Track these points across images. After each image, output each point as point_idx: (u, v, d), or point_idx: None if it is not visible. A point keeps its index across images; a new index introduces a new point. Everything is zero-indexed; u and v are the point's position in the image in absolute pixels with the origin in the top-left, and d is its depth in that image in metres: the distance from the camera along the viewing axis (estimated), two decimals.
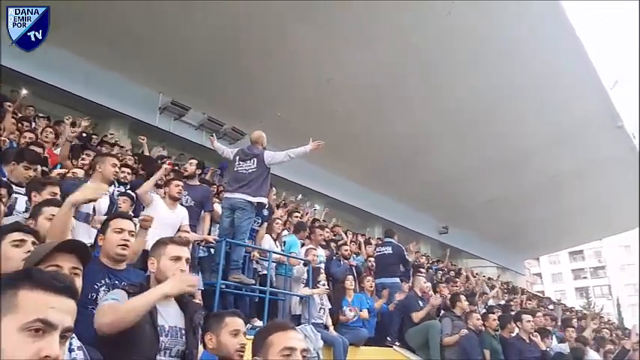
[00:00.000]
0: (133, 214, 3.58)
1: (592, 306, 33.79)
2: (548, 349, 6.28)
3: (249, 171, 5.07)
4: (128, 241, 2.43)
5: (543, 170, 15.79)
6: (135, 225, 2.63)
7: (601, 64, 12.64)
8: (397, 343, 6.22)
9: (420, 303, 6.35)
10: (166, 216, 4.10)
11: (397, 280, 7.10)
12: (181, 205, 4.56)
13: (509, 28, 10.65)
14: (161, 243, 2.26)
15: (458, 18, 9.95)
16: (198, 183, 5.43)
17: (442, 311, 6.72)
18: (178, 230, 4.11)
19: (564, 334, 7.30)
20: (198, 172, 5.30)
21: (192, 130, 12.13)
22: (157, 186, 5.00)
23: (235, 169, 5.25)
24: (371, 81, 11.52)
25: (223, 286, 4.62)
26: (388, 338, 6.30)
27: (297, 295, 5.46)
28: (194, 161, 5.41)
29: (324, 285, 5.80)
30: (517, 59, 11.48)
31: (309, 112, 12.11)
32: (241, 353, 2.19)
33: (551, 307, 14.49)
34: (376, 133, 13.28)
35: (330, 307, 5.68)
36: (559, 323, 9.24)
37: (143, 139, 8.02)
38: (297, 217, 7.44)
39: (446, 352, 5.89)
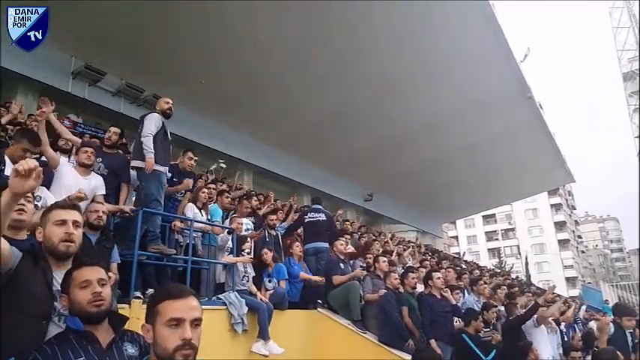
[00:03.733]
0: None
1: (503, 265, 36.77)
2: (458, 303, 6.89)
3: (139, 134, 4.75)
4: (25, 206, 2.27)
5: (460, 139, 16.75)
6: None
7: (513, 39, 13.47)
8: (321, 304, 6.47)
9: (342, 266, 6.63)
10: (76, 183, 3.83)
11: (327, 245, 7.32)
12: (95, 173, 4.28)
13: (425, 5, 10.92)
14: (46, 210, 2.16)
15: None
16: (115, 151, 5.08)
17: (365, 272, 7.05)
18: (92, 200, 3.87)
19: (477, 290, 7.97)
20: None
21: (110, 96, 11.41)
22: (64, 151, 4.69)
23: None
24: (298, 52, 11.42)
25: (143, 258, 4.47)
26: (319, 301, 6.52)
27: (220, 263, 5.48)
28: (117, 130, 4.98)
29: (248, 254, 5.87)
30: (435, 35, 11.91)
31: (235, 79, 11.82)
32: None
33: (464, 266, 15.68)
34: (303, 104, 13.29)
35: (254, 275, 5.77)
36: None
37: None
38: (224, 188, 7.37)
39: (367, 310, 6.25)
